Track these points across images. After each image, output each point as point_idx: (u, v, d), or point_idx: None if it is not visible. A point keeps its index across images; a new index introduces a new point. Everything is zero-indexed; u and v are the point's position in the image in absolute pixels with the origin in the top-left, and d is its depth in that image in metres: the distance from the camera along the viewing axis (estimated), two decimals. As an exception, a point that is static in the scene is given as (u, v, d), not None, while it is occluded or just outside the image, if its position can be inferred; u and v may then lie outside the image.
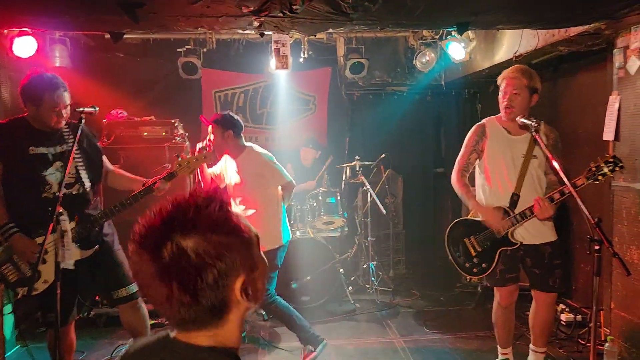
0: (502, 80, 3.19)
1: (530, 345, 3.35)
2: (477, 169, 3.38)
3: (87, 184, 3.12)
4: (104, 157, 3.40)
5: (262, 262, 1.13)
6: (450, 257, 3.39)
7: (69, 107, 3.05)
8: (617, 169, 2.85)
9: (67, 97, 3.04)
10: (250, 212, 3.82)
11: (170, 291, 1.00)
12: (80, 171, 3.10)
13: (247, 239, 1.08)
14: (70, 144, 3.05)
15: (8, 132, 3.01)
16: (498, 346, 3.46)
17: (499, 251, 3.19)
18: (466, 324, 4.44)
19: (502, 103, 3.18)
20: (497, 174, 3.24)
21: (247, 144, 3.89)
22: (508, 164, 3.19)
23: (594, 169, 2.87)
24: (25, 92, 2.99)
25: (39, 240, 2.90)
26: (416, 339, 4.19)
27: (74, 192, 3.08)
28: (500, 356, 3.45)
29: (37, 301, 3.03)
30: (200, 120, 5.25)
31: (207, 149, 3.74)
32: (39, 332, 4.12)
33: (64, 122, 3.07)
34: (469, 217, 3.36)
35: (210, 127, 3.79)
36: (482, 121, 3.38)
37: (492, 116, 3.35)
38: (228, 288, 1.03)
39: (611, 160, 2.85)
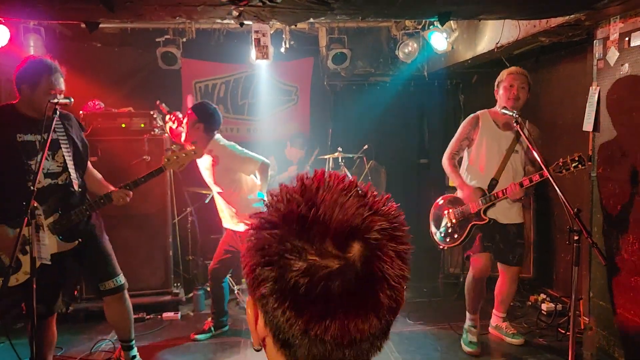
0: (506, 76, 3.66)
1: (493, 310, 4.06)
2: (465, 154, 3.84)
3: (74, 174, 3.06)
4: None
5: None
6: (430, 226, 3.94)
7: (63, 95, 2.99)
8: (580, 166, 3.25)
9: (62, 84, 3.00)
10: (234, 210, 3.85)
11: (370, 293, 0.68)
12: (67, 161, 3.04)
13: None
14: (59, 133, 3.00)
15: None
16: (467, 312, 3.88)
17: (470, 225, 3.68)
18: (449, 315, 4.45)
19: (510, 95, 3.58)
20: (483, 160, 3.72)
21: (215, 137, 3.80)
22: (493, 153, 3.67)
23: (560, 163, 3.28)
24: (22, 73, 2.95)
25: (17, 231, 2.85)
26: (399, 331, 4.19)
27: (59, 182, 3.02)
28: (467, 321, 3.88)
29: (21, 293, 2.95)
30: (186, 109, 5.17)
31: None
32: (15, 328, 4.04)
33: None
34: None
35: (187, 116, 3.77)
36: (477, 113, 3.80)
37: (486, 109, 3.79)
38: None
39: (577, 159, 3.25)
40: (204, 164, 3.89)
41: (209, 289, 5.05)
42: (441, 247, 3.90)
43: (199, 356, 3.83)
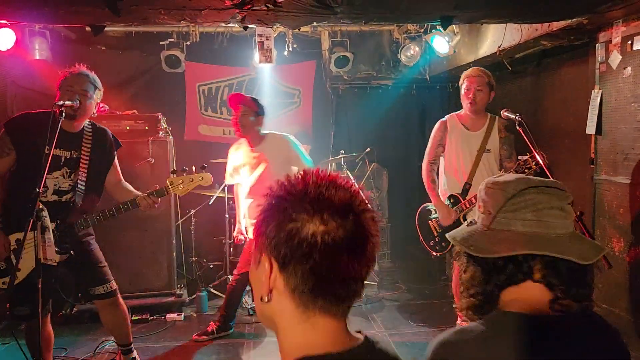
0: (464, 79, 3.68)
1: None
2: (441, 159, 3.89)
3: (81, 190, 3.07)
4: (117, 168, 3.33)
5: None
6: (420, 236, 4.03)
7: (91, 105, 3.07)
8: (534, 166, 3.20)
9: (87, 86, 3.04)
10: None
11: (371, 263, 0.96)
12: (79, 184, 3.06)
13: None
14: (84, 152, 3.04)
15: (33, 125, 2.96)
16: (458, 312, 3.90)
17: None
18: (451, 317, 4.46)
19: (467, 99, 3.65)
20: (455, 164, 3.75)
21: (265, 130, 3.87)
22: (465, 156, 3.70)
23: (522, 163, 3.29)
24: (69, 75, 3.05)
25: (16, 236, 2.89)
26: (401, 332, 4.21)
27: (62, 200, 3.04)
28: (459, 319, 3.86)
29: (6, 294, 2.96)
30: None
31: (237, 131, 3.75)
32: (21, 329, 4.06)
33: (84, 123, 3.12)
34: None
35: (240, 109, 3.79)
36: (444, 117, 3.86)
37: (453, 113, 3.86)
38: None
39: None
40: (243, 159, 3.84)
41: (212, 290, 5.08)
42: (433, 255, 3.96)
43: (202, 357, 3.85)
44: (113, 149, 3.33)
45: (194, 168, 3.29)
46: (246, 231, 4.09)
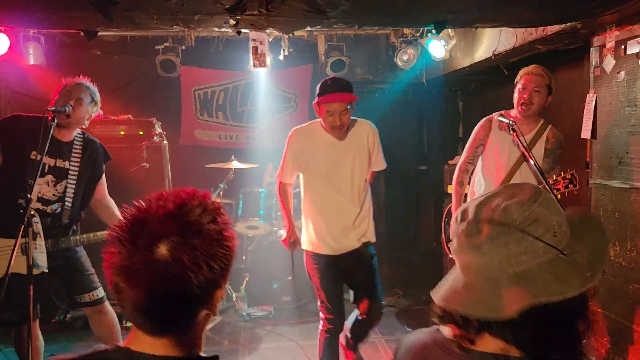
0: (521, 76, 3.26)
1: None
2: (479, 161, 3.53)
3: (68, 206, 3.04)
4: (102, 184, 3.30)
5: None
6: (442, 234, 3.81)
7: (84, 114, 3.07)
8: (570, 186, 3.07)
9: (84, 95, 3.04)
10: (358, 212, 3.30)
11: (152, 292, 0.96)
12: (67, 193, 3.03)
13: (235, 251, 1.08)
14: (73, 163, 3.00)
15: (22, 127, 2.93)
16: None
17: None
18: (447, 322, 4.45)
19: (521, 99, 3.24)
20: (493, 166, 3.41)
21: None
22: (504, 159, 3.34)
23: (551, 182, 3.08)
24: (70, 85, 3.07)
25: None
26: (397, 337, 4.19)
27: (48, 211, 3.00)
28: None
29: None
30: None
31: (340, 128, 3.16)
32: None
33: (75, 132, 3.08)
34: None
35: (346, 105, 3.24)
36: (491, 115, 3.44)
37: (502, 111, 3.40)
38: (210, 297, 1.03)
39: (569, 177, 3.08)
40: (332, 149, 3.26)
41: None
42: (450, 256, 3.69)
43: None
44: (102, 163, 3.30)
45: None
46: None
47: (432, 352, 1.05)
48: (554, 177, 3.11)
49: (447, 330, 1.04)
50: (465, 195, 3.67)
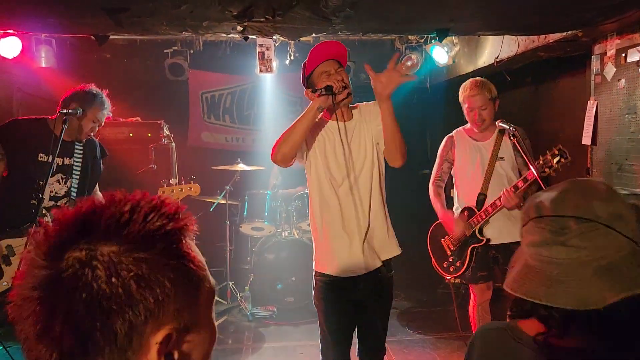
0: (465, 100, 3.42)
1: None
2: (453, 176, 3.67)
3: (73, 199, 3.13)
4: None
5: (210, 328, 0.76)
6: (432, 258, 3.73)
7: (94, 129, 3.18)
8: (562, 160, 3.05)
9: (103, 120, 3.17)
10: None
11: (49, 325, 0.63)
12: (72, 188, 3.12)
13: (197, 277, 0.75)
14: (76, 159, 3.09)
15: (24, 131, 3.01)
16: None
17: (469, 249, 3.42)
18: (448, 325, 4.50)
19: (472, 120, 3.43)
20: (466, 178, 3.53)
21: None
22: (477, 167, 3.46)
23: (541, 162, 3.08)
24: (82, 92, 3.09)
25: (6, 242, 2.92)
26: (399, 340, 4.24)
27: (58, 205, 3.10)
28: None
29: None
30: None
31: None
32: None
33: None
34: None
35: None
36: (451, 133, 3.65)
37: (460, 127, 3.63)
38: (140, 340, 0.65)
39: (557, 152, 3.06)
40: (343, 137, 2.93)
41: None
42: (447, 278, 3.64)
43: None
44: (100, 159, 3.39)
45: (182, 179, 3.37)
46: None
47: (507, 343, 1.11)
48: (540, 159, 3.10)
49: (525, 324, 1.10)
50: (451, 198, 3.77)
